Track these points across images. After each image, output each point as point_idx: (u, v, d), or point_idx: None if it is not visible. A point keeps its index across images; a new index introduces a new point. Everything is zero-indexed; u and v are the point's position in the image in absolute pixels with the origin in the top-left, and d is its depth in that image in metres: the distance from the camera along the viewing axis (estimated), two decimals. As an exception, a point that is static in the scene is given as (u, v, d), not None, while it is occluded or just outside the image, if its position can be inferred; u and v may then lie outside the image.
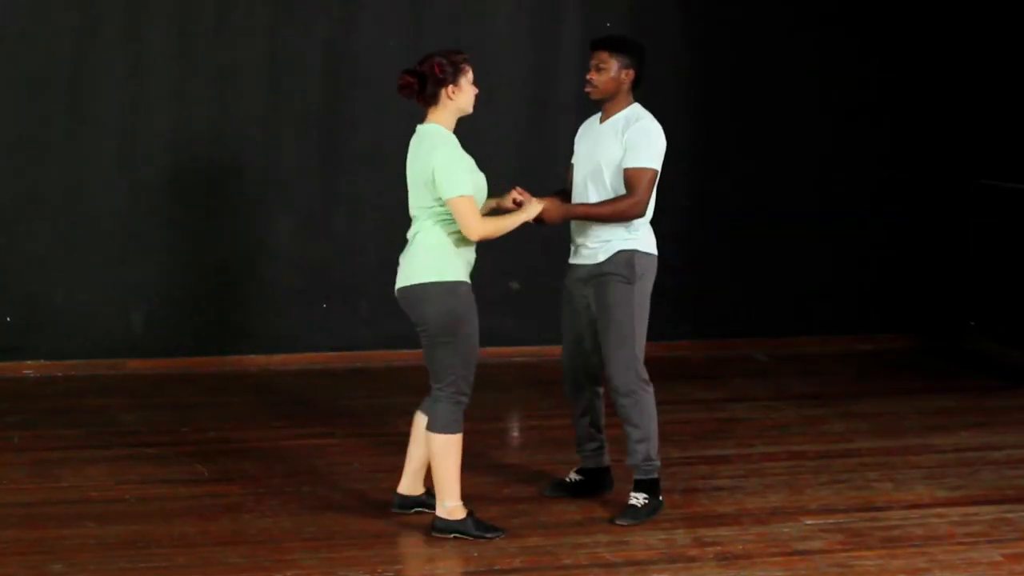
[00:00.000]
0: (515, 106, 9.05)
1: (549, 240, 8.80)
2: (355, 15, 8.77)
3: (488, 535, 5.63)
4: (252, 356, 8.71)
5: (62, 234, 8.46)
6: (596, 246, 5.96)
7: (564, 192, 6.15)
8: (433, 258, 5.57)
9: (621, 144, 5.89)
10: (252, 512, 5.93)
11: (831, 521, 5.92)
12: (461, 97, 5.62)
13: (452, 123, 5.65)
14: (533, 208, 5.77)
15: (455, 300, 5.57)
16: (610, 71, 5.92)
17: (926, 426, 7.55)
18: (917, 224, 9.60)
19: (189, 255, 8.64)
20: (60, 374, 8.39)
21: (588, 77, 5.96)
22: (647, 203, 5.90)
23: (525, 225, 5.81)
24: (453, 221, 5.58)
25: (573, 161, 6.15)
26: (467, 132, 8.73)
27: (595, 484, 6.23)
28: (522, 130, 9.06)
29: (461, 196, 5.51)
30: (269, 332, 8.75)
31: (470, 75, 5.65)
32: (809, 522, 5.90)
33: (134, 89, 8.48)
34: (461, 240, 5.61)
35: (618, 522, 5.86)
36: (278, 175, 8.73)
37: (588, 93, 6.00)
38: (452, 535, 5.63)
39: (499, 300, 9.01)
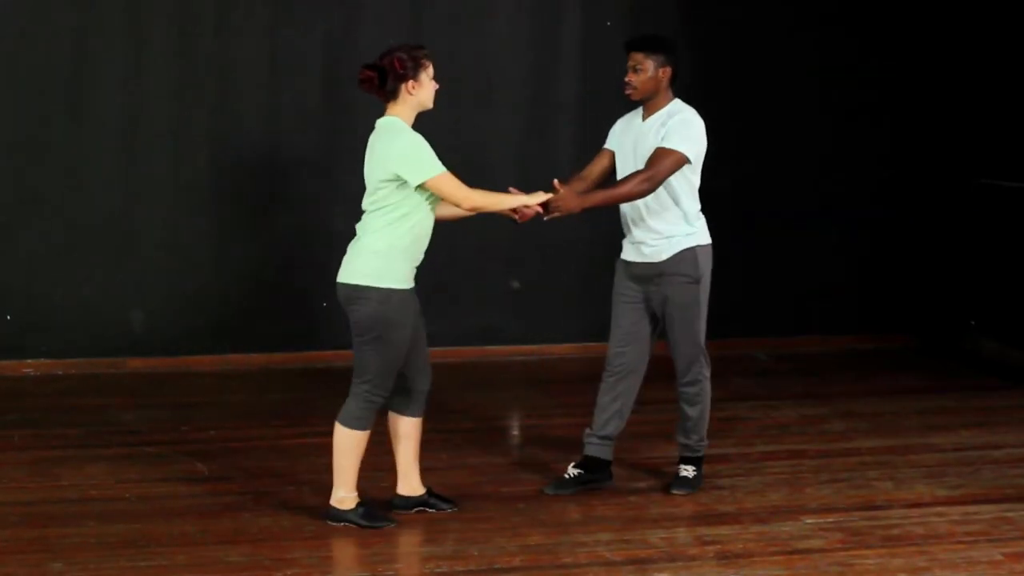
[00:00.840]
0: (515, 106, 9.05)
1: (549, 240, 8.82)
2: (355, 15, 8.77)
3: (377, 525, 5.68)
4: (252, 355, 8.72)
5: (62, 234, 8.46)
6: (658, 243, 6.01)
7: (582, 176, 6.16)
8: (376, 262, 5.57)
9: (661, 135, 5.95)
10: (252, 511, 5.93)
11: (831, 520, 5.92)
12: (421, 92, 5.62)
13: (411, 118, 5.65)
14: (536, 195, 5.76)
15: (387, 307, 5.58)
16: (647, 71, 5.98)
17: (926, 425, 7.55)
18: (917, 224, 9.60)
19: (189, 254, 8.64)
20: (60, 373, 8.39)
21: (627, 80, 6.01)
22: (661, 180, 5.90)
23: (538, 217, 5.83)
24: (404, 221, 5.56)
25: (611, 147, 6.16)
26: (468, 132, 8.80)
27: (595, 476, 6.23)
28: (522, 130, 9.06)
29: (438, 174, 5.51)
30: (269, 331, 8.75)
31: (430, 70, 5.64)
32: (809, 521, 5.90)
33: (134, 89, 8.48)
34: (410, 244, 5.60)
35: (674, 491, 6.17)
36: (278, 175, 8.73)
37: (628, 95, 6.04)
38: (342, 523, 5.68)
39: (499, 300, 9.02)
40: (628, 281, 6.15)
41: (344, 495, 5.71)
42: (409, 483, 5.92)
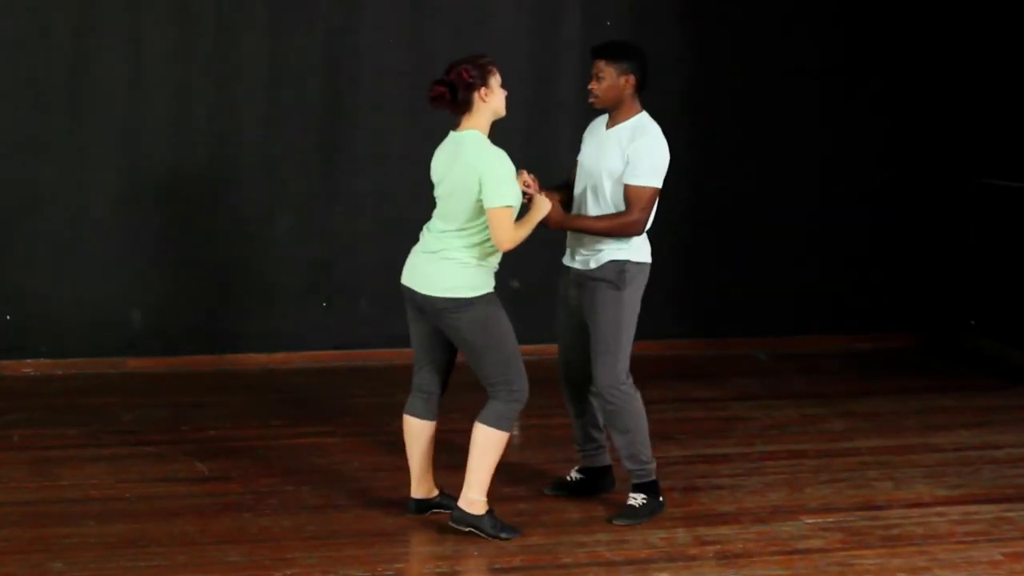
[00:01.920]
0: (515, 106, 8.97)
1: (549, 239, 8.80)
2: (355, 14, 8.76)
3: (503, 535, 5.63)
4: (252, 355, 8.71)
5: (62, 233, 8.46)
6: (588, 253, 5.95)
7: (567, 185, 6.15)
8: (468, 275, 5.59)
9: (623, 157, 5.85)
10: (252, 511, 5.94)
11: (831, 520, 5.92)
12: (493, 99, 5.63)
13: (487, 127, 5.65)
14: (545, 206, 5.75)
15: (488, 306, 5.61)
16: (608, 79, 5.88)
17: (926, 425, 7.56)
18: (917, 224, 9.60)
19: (189, 254, 8.63)
20: (60, 373, 8.38)
21: (589, 87, 5.94)
22: (646, 221, 5.86)
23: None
24: (485, 233, 5.57)
25: (580, 159, 6.15)
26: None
27: (596, 483, 6.23)
28: (522, 130, 9.04)
29: (505, 207, 5.51)
30: (269, 331, 8.75)
31: (498, 77, 5.65)
32: (809, 521, 5.91)
33: (134, 88, 8.48)
34: (492, 251, 5.63)
35: (616, 522, 5.87)
36: (278, 175, 8.73)
37: (591, 103, 5.98)
38: (468, 528, 5.63)
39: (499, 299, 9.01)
40: (566, 286, 6.10)
41: (475, 498, 5.64)
42: (426, 485, 5.91)
